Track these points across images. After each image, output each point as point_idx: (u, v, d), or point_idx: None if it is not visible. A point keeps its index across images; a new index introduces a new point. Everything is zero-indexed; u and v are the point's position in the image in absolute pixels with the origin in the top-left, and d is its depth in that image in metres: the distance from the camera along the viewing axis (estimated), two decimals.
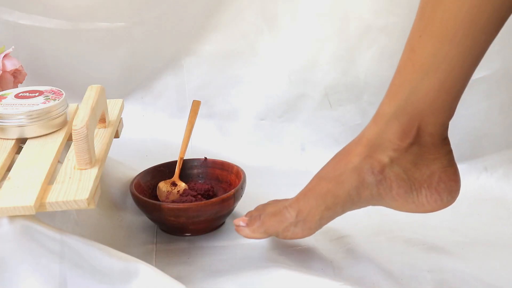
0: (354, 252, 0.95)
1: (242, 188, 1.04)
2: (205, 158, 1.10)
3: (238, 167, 1.07)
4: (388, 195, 0.89)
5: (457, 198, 0.91)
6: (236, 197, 1.02)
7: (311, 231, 0.91)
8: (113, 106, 1.02)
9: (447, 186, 0.89)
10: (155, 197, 1.07)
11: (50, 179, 0.84)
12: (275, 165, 1.26)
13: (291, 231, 0.90)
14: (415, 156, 0.88)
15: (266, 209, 0.94)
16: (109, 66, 1.32)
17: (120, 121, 1.01)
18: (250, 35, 1.28)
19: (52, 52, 1.31)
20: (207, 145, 1.13)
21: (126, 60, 1.32)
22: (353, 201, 0.90)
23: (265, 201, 1.07)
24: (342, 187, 0.89)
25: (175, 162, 1.11)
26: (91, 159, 0.84)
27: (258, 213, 0.93)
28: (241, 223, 0.93)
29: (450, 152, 0.89)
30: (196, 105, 1.12)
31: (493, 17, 0.76)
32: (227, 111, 1.32)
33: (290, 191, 1.14)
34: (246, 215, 0.97)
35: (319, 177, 0.91)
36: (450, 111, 0.86)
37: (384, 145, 0.88)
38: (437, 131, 0.87)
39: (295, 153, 1.28)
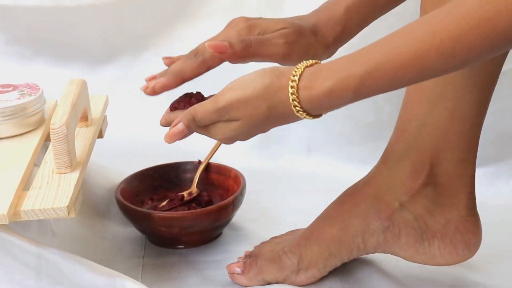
0: (367, 266, 0.96)
1: (241, 194, 1.04)
2: (199, 160, 1.11)
3: (236, 171, 1.08)
4: (396, 244, 0.89)
5: (485, 205, 0.91)
6: (235, 204, 1.02)
7: (316, 279, 0.91)
8: (96, 102, 1.02)
9: (464, 238, 0.88)
10: (143, 205, 1.08)
11: (26, 184, 0.84)
12: (278, 169, 1.26)
13: (292, 280, 0.90)
14: (428, 200, 0.88)
15: (264, 252, 0.93)
16: (91, 50, 1.34)
17: (104, 119, 1.01)
18: None
19: (33, 31, 1.33)
20: (201, 145, 1.13)
21: (111, 44, 1.34)
22: (359, 248, 0.90)
23: (265, 209, 1.11)
24: (347, 233, 0.89)
25: (166, 165, 1.11)
26: (71, 162, 0.84)
27: (254, 258, 0.93)
28: (237, 270, 0.92)
29: (471, 196, 0.88)
30: None
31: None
32: None
33: (295, 198, 1.17)
34: (244, 257, 0.96)
35: (322, 219, 0.92)
36: (468, 143, 0.85)
37: (394, 187, 0.88)
38: (454, 169, 0.86)
39: (300, 154, 1.28)
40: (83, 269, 0.80)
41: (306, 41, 0.84)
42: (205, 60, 0.84)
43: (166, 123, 0.84)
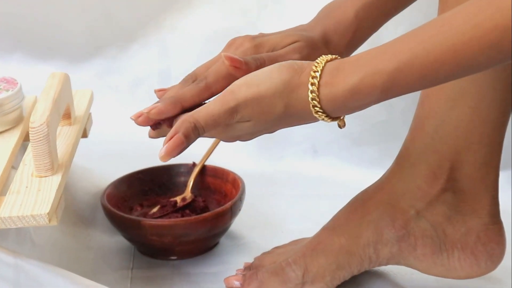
0: (379, 280, 0.96)
1: (240, 200, 1.03)
2: (194, 163, 1.11)
3: (235, 174, 1.08)
4: (411, 255, 0.89)
5: (508, 212, 0.92)
6: (233, 211, 1.02)
7: None
8: (80, 98, 1.02)
9: (486, 248, 0.88)
10: (132, 211, 1.08)
11: (2, 189, 0.84)
12: (281, 172, 1.26)
13: None
14: (447, 207, 0.88)
15: (265, 264, 0.93)
16: (75, 42, 1.34)
17: (88, 117, 1.01)
18: (252, 10, 1.28)
19: (11, 21, 1.34)
20: (196, 146, 1.12)
21: (95, 35, 1.34)
22: (371, 259, 0.90)
23: (266, 216, 1.11)
24: (357, 242, 0.89)
25: (157, 168, 1.11)
26: (52, 164, 0.84)
27: (255, 270, 0.92)
28: (235, 284, 0.92)
29: (494, 202, 0.88)
30: None
31: None
32: None
33: (299, 204, 1.17)
34: (243, 269, 0.96)
35: (330, 228, 0.91)
36: (492, 144, 0.85)
37: (410, 192, 0.88)
38: (476, 173, 0.86)
39: (305, 156, 1.28)
40: (65, 283, 0.79)
41: (320, 53, 0.80)
42: (208, 85, 0.78)
43: (157, 135, 0.80)
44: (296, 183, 1.23)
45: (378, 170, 0.95)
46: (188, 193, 1.08)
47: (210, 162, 1.11)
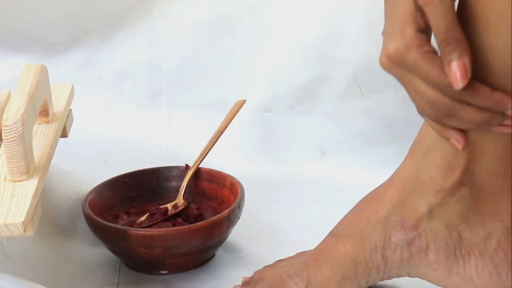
0: None
1: (239, 207, 1.03)
2: (187, 165, 1.12)
3: (233, 178, 1.08)
4: (423, 261, 0.88)
5: None
6: (231, 219, 1.02)
7: None
8: (58, 93, 1.02)
9: (508, 256, 0.87)
10: (118, 220, 1.08)
11: None
12: (284, 175, 1.27)
13: None
14: (463, 206, 0.87)
15: (266, 277, 0.93)
16: (58, 33, 1.34)
17: (69, 114, 1.01)
18: None
19: None
20: (190, 147, 1.13)
21: (75, 22, 1.34)
22: (378, 268, 0.89)
23: (268, 225, 1.12)
24: (363, 248, 0.89)
25: (146, 171, 1.12)
26: (28, 167, 0.84)
27: (254, 285, 0.93)
28: None
29: None
30: (238, 105, 1.14)
31: None
32: (217, 100, 1.33)
33: (305, 211, 1.17)
34: (241, 285, 0.96)
35: (335, 234, 0.92)
36: None
37: (422, 185, 0.87)
38: (497, 166, 0.84)
39: (312, 158, 1.29)
40: None
41: None
42: None
43: None
44: (302, 188, 1.24)
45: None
46: (180, 200, 1.08)
47: (205, 164, 1.11)
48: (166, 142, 1.26)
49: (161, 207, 1.08)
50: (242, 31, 1.30)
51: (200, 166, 1.11)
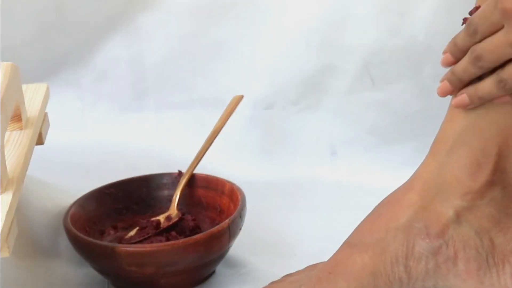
0: None
1: (240, 217, 1.02)
2: (179, 171, 1.12)
3: (232, 185, 1.08)
4: (451, 272, 0.88)
5: None
6: (231, 231, 1.01)
7: None
8: (32, 95, 1.01)
9: None
10: (104, 236, 1.08)
11: None
12: (291, 180, 1.27)
13: None
14: (495, 208, 0.87)
15: None
16: (25, 27, 1.34)
17: (44, 118, 1.01)
18: None
19: None
20: (182, 151, 1.13)
21: (49, 17, 1.34)
22: (401, 281, 0.89)
23: (274, 236, 1.12)
24: (383, 259, 0.88)
25: (133, 180, 1.12)
26: (0, 181, 0.83)
27: None
28: None
29: None
30: (235, 102, 1.14)
31: None
32: (211, 97, 1.33)
33: (315, 219, 1.17)
34: None
35: (351, 244, 0.92)
36: None
37: (447, 187, 0.87)
38: None
39: (321, 159, 1.29)
40: None
41: None
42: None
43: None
44: (310, 193, 1.24)
45: (412, 172, 0.93)
46: (173, 210, 1.08)
47: (200, 169, 1.11)
48: (155, 147, 1.27)
49: (152, 219, 1.07)
50: (236, 17, 1.30)
51: (194, 172, 1.11)
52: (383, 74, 1.28)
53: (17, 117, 0.94)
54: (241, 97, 1.14)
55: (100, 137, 1.32)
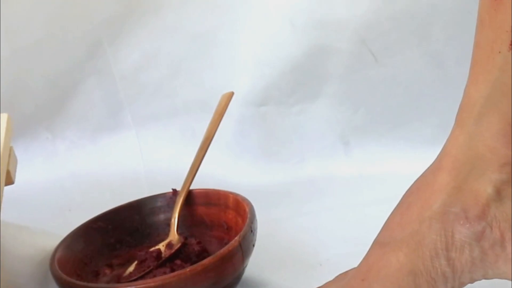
0: None
1: (251, 231, 1.01)
2: (174, 190, 1.12)
3: (236, 196, 1.07)
4: (500, 258, 0.87)
5: None
6: (244, 249, 0.99)
7: None
8: None
9: None
10: (99, 277, 1.07)
11: None
12: (301, 181, 1.28)
13: None
14: None
15: None
16: None
17: (10, 154, 0.99)
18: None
19: None
20: (173, 166, 1.14)
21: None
22: (445, 276, 0.88)
23: (293, 246, 1.12)
24: (421, 255, 0.88)
25: (123, 208, 1.11)
26: None
27: None
28: None
29: None
30: (225, 101, 1.13)
31: None
32: (195, 100, 1.34)
33: (337, 221, 1.17)
34: None
35: (381, 242, 0.92)
36: None
37: (481, 160, 0.87)
38: None
39: (333, 152, 1.29)
40: None
41: None
42: None
43: None
44: (327, 191, 1.25)
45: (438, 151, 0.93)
46: (174, 236, 1.07)
47: (197, 184, 1.11)
48: (141, 167, 1.27)
49: (151, 250, 1.07)
50: (212, 6, 1.30)
51: (191, 188, 1.10)
52: (385, 47, 1.28)
53: None
54: (231, 94, 1.14)
55: (76, 167, 1.32)
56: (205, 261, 0.96)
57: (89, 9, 1.32)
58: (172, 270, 1.02)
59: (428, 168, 0.90)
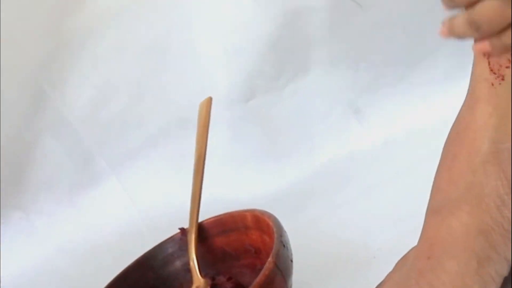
0: None
1: (284, 246, 0.98)
2: (182, 229, 1.11)
3: (253, 212, 1.06)
4: None
5: None
6: (282, 269, 0.95)
7: None
8: None
9: None
10: None
11: None
12: (316, 171, 1.27)
13: None
14: None
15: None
16: None
17: None
18: None
19: None
20: (171, 201, 1.16)
21: None
22: None
23: (337, 249, 1.11)
24: (485, 207, 0.87)
25: (132, 267, 1.09)
26: None
27: None
28: None
29: None
30: (205, 108, 1.12)
31: None
32: (172, 118, 1.32)
33: (373, 206, 1.17)
34: None
35: (435, 209, 0.91)
36: None
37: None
38: None
39: (345, 123, 1.28)
40: None
41: None
42: None
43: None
44: (351, 171, 1.27)
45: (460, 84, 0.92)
46: (199, 280, 1.05)
47: (205, 213, 1.10)
48: (134, 215, 1.26)
49: None
50: (157, 13, 1.28)
51: (200, 220, 1.09)
52: None
53: None
54: (210, 100, 1.12)
55: (62, 240, 1.31)
56: None
57: (17, 53, 1.29)
58: None
59: (462, 106, 0.89)
